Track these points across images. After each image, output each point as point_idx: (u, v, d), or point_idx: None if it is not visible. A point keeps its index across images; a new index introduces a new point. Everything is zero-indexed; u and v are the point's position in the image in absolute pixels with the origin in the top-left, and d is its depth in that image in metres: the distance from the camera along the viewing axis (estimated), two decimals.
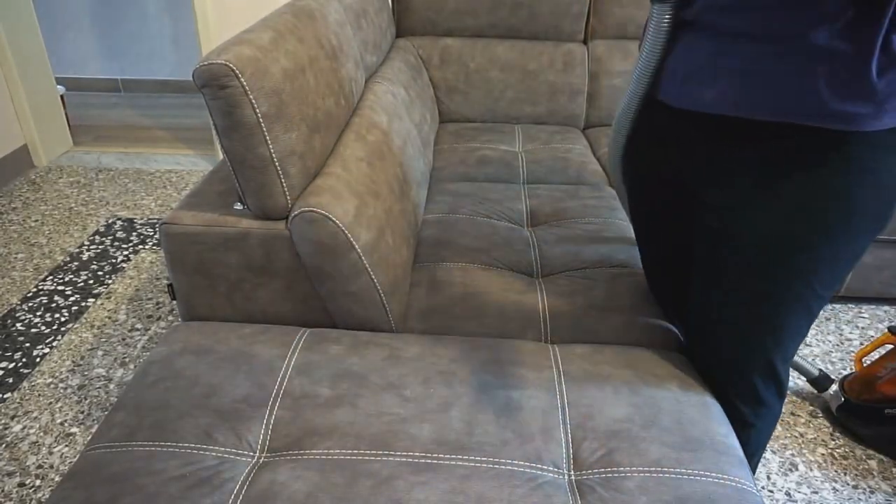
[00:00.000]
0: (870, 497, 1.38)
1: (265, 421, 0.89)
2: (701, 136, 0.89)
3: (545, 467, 0.84)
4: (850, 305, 2.00)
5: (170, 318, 1.88)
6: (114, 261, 2.17)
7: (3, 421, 1.51)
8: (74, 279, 2.06)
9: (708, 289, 0.98)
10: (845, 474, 1.43)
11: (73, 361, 1.69)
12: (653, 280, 1.23)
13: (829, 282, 0.88)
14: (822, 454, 1.48)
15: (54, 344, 1.76)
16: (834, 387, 1.56)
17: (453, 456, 0.84)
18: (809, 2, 0.71)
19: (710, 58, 0.81)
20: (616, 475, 0.83)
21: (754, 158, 0.84)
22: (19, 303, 1.93)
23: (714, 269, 0.95)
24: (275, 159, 1.00)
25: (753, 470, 1.14)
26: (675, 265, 1.12)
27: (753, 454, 1.09)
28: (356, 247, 1.04)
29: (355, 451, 0.84)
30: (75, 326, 1.83)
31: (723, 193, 0.89)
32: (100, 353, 1.73)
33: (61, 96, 3.05)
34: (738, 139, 0.84)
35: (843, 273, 0.88)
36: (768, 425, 1.06)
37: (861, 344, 1.84)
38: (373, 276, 1.07)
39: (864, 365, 1.61)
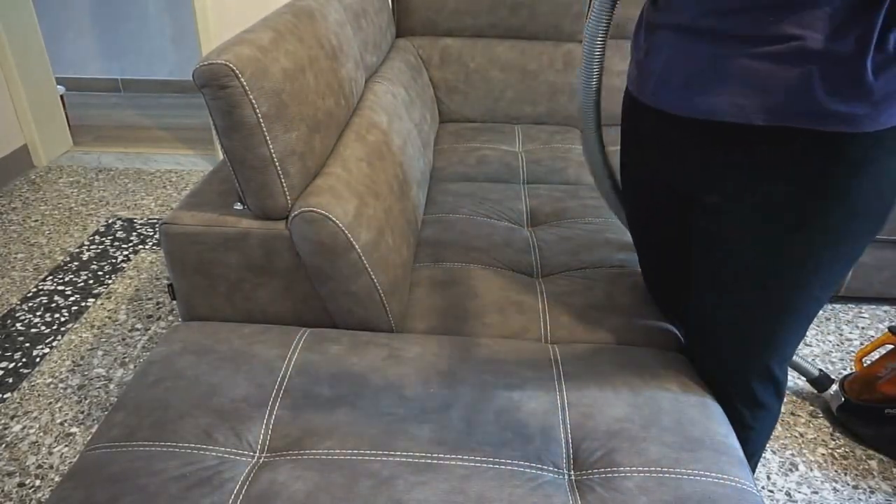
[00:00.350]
0: (870, 497, 1.38)
1: (265, 421, 0.89)
2: (693, 140, 0.88)
3: (545, 467, 0.84)
4: (850, 305, 2.00)
5: (170, 318, 1.88)
6: (114, 261, 2.17)
7: (2, 421, 1.51)
8: (74, 279, 2.06)
9: (704, 292, 0.98)
10: (845, 474, 1.43)
11: (73, 361, 1.69)
12: (651, 282, 1.23)
13: (827, 284, 0.88)
14: (823, 454, 1.48)
15: (54, 344, 1.76)
16: (834, 387, 1.56)
17: (453, 456, 0.84)
18: (804, 3, 0.71)
19: (709, 63, 0.81)
20: (616, 475, 0.83)
21: (746, 163, 0.83)
22: (19, 303, 1.93)
23: (709, 272, 0.95)
24: (275, 159, 1.00)
25: (753, 470, 1.14)
26: (671, 267, 1.12)
27: (753, 454, 1.09)
28: (356, 247, 1.04)
29: (355, 451, 0.84)
30: (75, 326, 1.83)
31: (716, 197, 0.89)
32: (100, 353, 1.73)
33: (61, 96, 3.05)
34: (729, 143, 0.84)
35: (840, 275, 0.88)
36: (767, 426, 1.06)
37: (861, 344, 1.84)
38: (373, 276, 1.07)
39: (865, 365, 1.61)
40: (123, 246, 2.26)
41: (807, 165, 0.79)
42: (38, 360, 1.70)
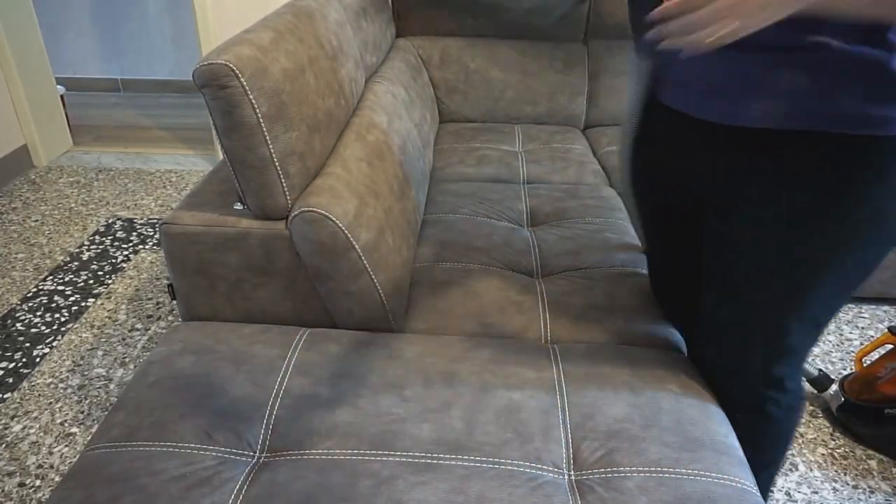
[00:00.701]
0: (870, 497, 1.38)
1: (265, 421, 0.89)
2: (710, 143, 0.87)
3: (545, 467, 0.84)
4: (850, 305, 2.00)
5: (170, 318, 1.88)
6: (114, 261, 2.17)
7: (3, 421, 1.51)
8: (74, 279, 2.06)
9: (713, 293, 0.97)
10: (845, 474, 1.43)
11: (73, 361, 1.69)
12: (658, 284, 1.23)
13: (842, 291, 0.87)
14: (823, 454, 1.48)
15: (54, 344, 1.76)
16: (834, 387, 1.56)
17: (453, 456, 0.84)
18: None
19: (734, 69, 0.79)
20: (616, 475, 0.83)
21: (770, 168, 0.82)
22: (19, 303, 1.93)
23: (720, 273, 0.94)
24: (275, 159, 1.00)
25: (765, 493, 1.10)
26: (681, 269, 1.12)
27: (765, 467, 1.06)
28: (356, 247, 1.04)
29: (355, 451, 0.84)
30: (75, 326, 1.83)
31: (732, 200, 0.88)
32: (100, 353, 1.73)
33: (61, 96, 3.05)
34: (753, 149, 0.83)
35: (856, 283, 0.87)
36: (776, 440, 1.04)
37: (861, 344, 1.84)
38: (373, 276, 1.07)
39: (865, 365, 1.61)
40: (123, 246, 2.26)
41: (832, 171, 0.78)
42: (38, 360, 1.70)
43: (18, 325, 1.83)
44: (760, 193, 0.84)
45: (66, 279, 2.06)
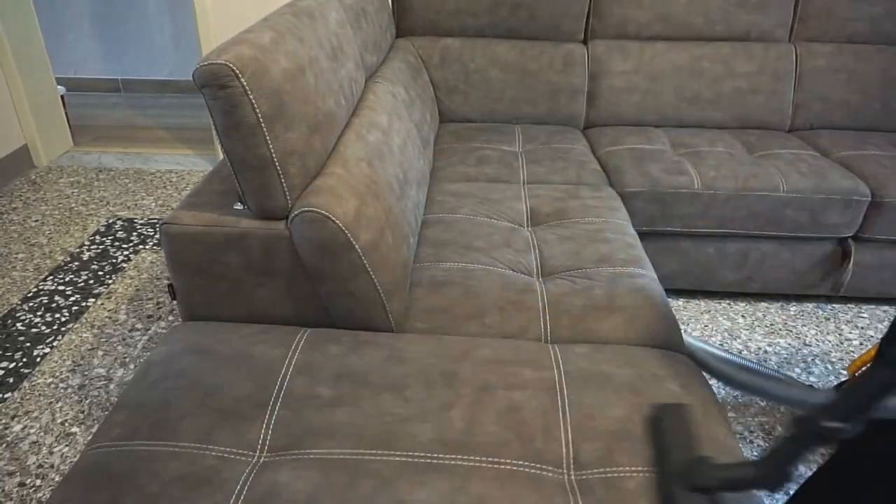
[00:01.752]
0: None
1: (266, 421, 0.89)
2: None
3: (545, 467, 0.84)
4: (849, 305, 2.00)
5: (170, 318, 1.88)
6: (114, 261, 2.17)
7: (3, 421, 1.51)
8: (75, 279, 2.06)
9: None
10: None
11: (74, 361, 1.70)
12: None
13: None
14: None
15: (54, 344, 1.76)
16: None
17: (454, 456, 0.84)
18: None
19: None
20: (616, 475, 0.83)
21: None
22: (20, 303, 1.93)
23: None
24: (275, 159, 1.00)
25: None
26: None
27: None
28: (356, 247, 1.04)
29: (356, 451, 0.84)
30: (75, 326, 1.83)
31: None
32: (100, 353, 1.73)
33: (61, 96, 3.05)
34: None
35: None
36: None
37: (861, 344, 1.84)
38: (373, 276, 1.07)
39: (857, 375, 1.60)
40: (124, 246, 2.26)
41: None
42: (38, 359, 1.70)
43: (19, 324, 1.84)
44: None
45: (67, 279, 2.06)
